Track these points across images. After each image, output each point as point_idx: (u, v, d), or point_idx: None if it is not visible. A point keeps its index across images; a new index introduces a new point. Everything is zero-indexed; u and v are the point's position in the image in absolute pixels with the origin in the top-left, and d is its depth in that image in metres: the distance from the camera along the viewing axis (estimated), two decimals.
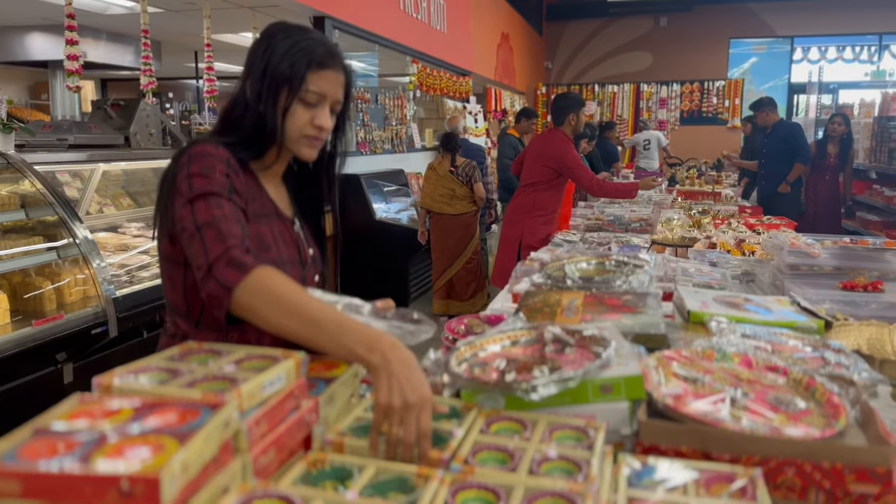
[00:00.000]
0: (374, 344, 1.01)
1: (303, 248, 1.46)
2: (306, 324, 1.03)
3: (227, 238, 1.17)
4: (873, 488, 0.92)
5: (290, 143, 1.37)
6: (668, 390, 1.10)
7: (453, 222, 5.52)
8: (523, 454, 0.91)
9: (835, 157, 7.13)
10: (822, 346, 1.42)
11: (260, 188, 1.39)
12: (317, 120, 1.35)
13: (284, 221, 1.43)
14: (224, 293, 1.11)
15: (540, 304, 1.55)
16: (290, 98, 1.33)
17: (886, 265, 2.23)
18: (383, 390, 0.95)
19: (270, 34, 1.35)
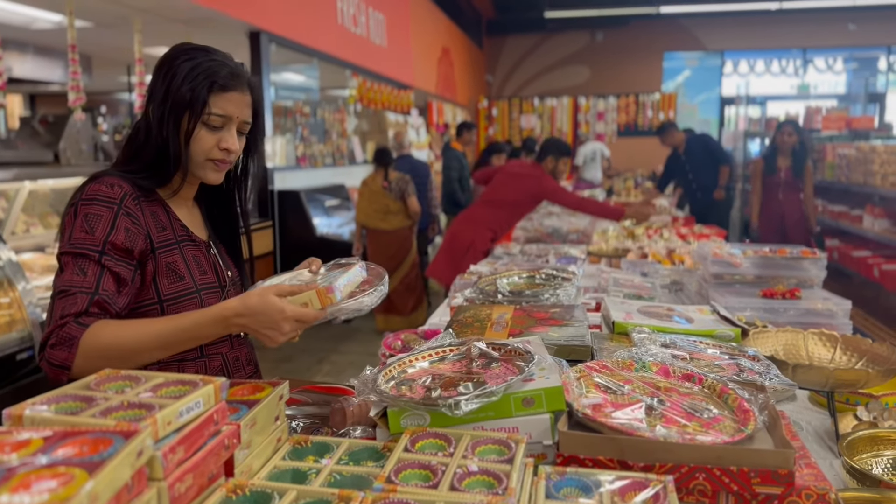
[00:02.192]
0: (223, 322, 1.19)
1: (220, 271, 1.45)
2: (157, 349, 1.16)
3: (62, 316, 1.19)
4: (777, 489, 0.97)
5: (194, 168, 1.35)
6: (588, 401, 1.14)
7: (389, 237, 5.55)
8: (446, 470, 0.93)
9: (787, 171, 5.81)
10: (739, 354, 1.48)
11: (169, 216, 1.38)
12: (223, 143, 1.33)
13: (199, 246, 1.41)
14: (61, 372, 1.17)
15: (471, 318, 1.58)
16: (193, 122, 1.31)
17: (804, 273, 2.35)
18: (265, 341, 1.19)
19: (172, 57, 1.33)
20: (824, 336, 1.79)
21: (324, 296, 1.19)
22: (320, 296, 1.19)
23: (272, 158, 5.49)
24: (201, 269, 1.40)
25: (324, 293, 1.19)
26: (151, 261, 1.31)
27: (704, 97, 13.91)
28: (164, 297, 1.32)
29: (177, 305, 1.33)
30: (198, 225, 1.47)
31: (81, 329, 1.17)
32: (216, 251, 1.48)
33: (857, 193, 5.80)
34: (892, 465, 1.44)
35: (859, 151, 5.72)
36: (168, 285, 1.33)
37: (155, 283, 1.32)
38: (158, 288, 1.32)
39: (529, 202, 4.49)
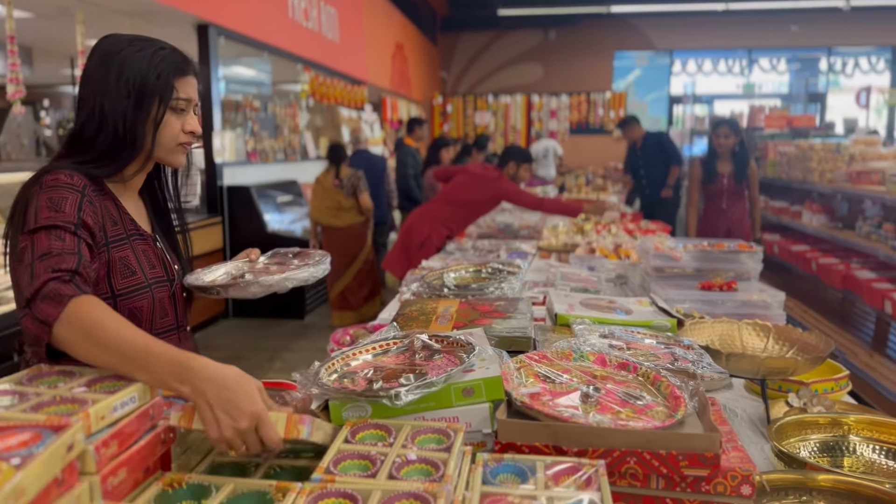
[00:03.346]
0: (184, 373, 0.97)
1: (168, 264, 1.45)
2: (116, 356, 0.99)
3: (55, 270, 1.13)
4: (704, 471, 1.02)
5: (165, 154, 1.37)
6: (527, 390, 1.17)
7: (342, 234, 5.57)
8: (385, 459, 0.94)
9: (729, 178, 4.97)
10: (674, 343, 1.54)
11: (119, 209, 1.37)
12: (187, 126, 1.36)
13: (147, 239, 1.41)
14: (42, 329, 1.07)
15: (417, 312, 1.60)
16: (163, 109, 1.33)
17: (741, 266, 2.43)
18: (210, 424, 0.94)
19: (114, 49, 1.33)
20: (758, 326, 1.86)
21: (292, 426, 0.98)
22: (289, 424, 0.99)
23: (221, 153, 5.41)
24: (150, 263, 1.40)
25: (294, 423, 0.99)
26: (105, 254, 1.31)
27: (654, 96, 14.20)
28: (117, 293, 1.32)
29: (129, 300, 1.33)
30: (143, 218, 1.46)
31: (74, 290, 1.11)
32: (162, 244, 1.47)
33: (797, 190, 6.00)
34: (819, 448, 1.52)
35: (799, 149, 5.92)
36: (121, 280, 1.33)
37: (109, 279, 1.31)
38: (112, 283, 1.32)
39: (489, 203, 4.56)
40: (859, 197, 4.98)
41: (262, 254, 1.55)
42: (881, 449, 1.50)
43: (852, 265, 4.83)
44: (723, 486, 1.03)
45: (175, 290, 1.44)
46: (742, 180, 4.99)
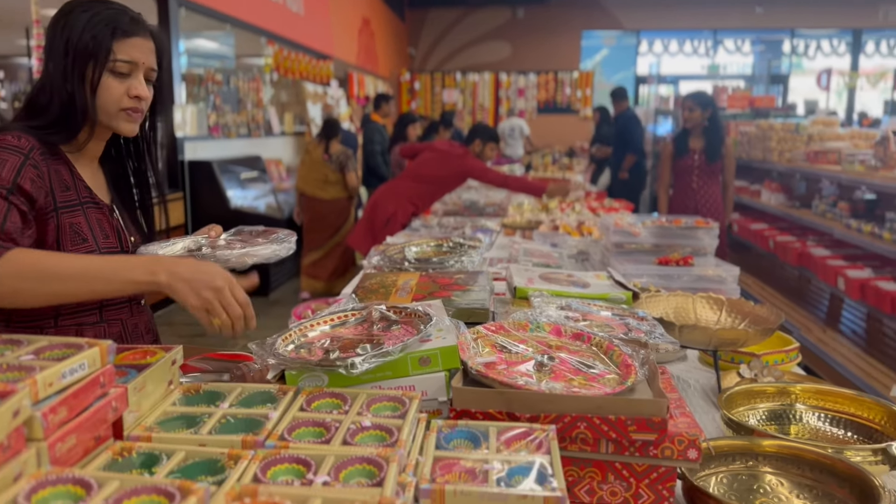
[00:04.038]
0: (153, 265, 1.11)
1: (123, 236, 1.42)
2: (77, 280, 1.07)
3: None
4: (652, 436, 1.05)
5: (107, 120, 1.33)
6: (482, 359, 1.19)
7: (326, 207, 5.67)
8: (339, 426, 0.95)
9: (700, 155, 4.73)
10: (629, 315, 1.57)
11: (74, 176, 1.34)
12: (132, 90, 1.32)
13: (102, 209, 1.39)
14: None
15: (377, 285, 1.60)
16: (98, 71, 1.29)
17: (697, 242, 2.48)
18: (189, 295, 1.10)
19: (67, 11, 1.30)
20: (711, 300, 1.91)
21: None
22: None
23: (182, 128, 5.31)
24: (104, 233, 1.37)
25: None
26: (53, 220, 1.28)
27: (621, 76, 14.27)
28: None
29: None
30: (101, 187, 1.43)
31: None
32: (119, 216, 1.45)
33: (757, 169, 6.12)
34: (767, 416, 1.57)
35: (759, 129, 6.03)
36: (71, 247, 1.31)
37: (59, 245, 1.29)
38: (62, 249, 1.30)
39: (455, 180, 4.56)
40: (816, 176, 5.09)
41: (225, 231, 1.53)
42: (826, 417, 1.55)
43: (808, 243, 4.96)
44: (670, 451, 1.06)
45: None
46: (715, 159, 4.71)
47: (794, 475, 1.28)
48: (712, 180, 4.77)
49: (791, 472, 1.28)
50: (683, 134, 4.84)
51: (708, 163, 4.72)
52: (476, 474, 0.90)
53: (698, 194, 4.76)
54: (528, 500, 0.85)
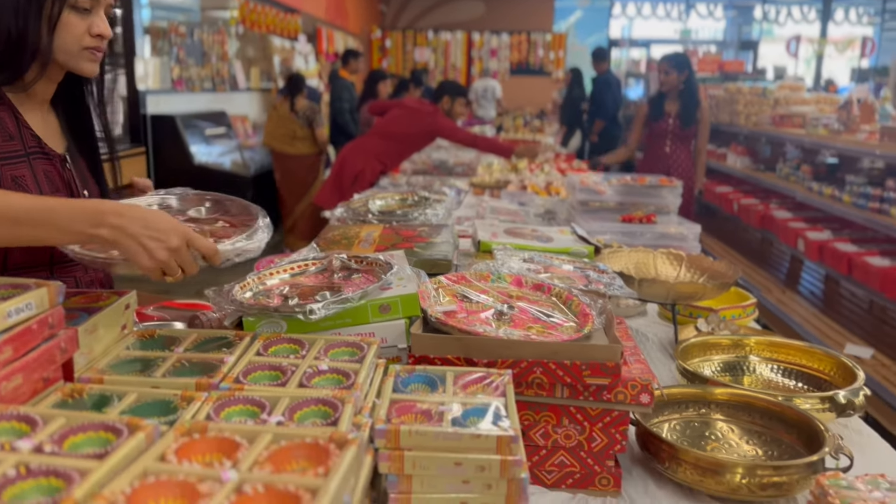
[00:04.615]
0: (97, 217, 0.98)
1: (76, 189, 1.33)
2: (9, 223, 0.98)
3: None
4: (605, 380, 1.07)
5: (67, 59, 1.25)
6: (442, 308, 1.19)
7: (295, 163, 5.69)
8: (296, 370, 0.95)
9: (675, 119, 4.57)
10: (590, 268, 1.58)
11: (19, 124, 1.26)
12: (95, 28, 1.24)
13: (52, 160, 1.30)
14: None
15: (339, 236, 1.59)
16: (59, 6, 1.21)
17: (661, 200, 2.51)
18: (139, 255, 0.97)
19: None
20: (672, 255, 1.93)
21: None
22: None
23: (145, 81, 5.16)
24: (53, 187, 1.29)
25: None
26: None
27: (594, 38, 14.19)
28: None
29: None
30: (53, 135, 1.34)
31: None
32: (72, 166, 1.36)
33: (725, 133, 6.18)
34: (721, 367, 1.61)
35: (727, 92, 6.07)
36: None
37: None
38: None
39: (423, 138, 4.52)
40: (781, 140, 5.16)
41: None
42: (778, 368, 1.60)
43: (771, 206, 5.05)
44: (623, 395, 1.08)
45: None
46: (689, 124, 4.57)
47: (744, 422, 1.32)
48: (685, 145, 4.66)
49: (742, 420, 1.32)
50: (659, 97, 4.71)
51: (682, 127, 4.61)
52: (432, 416, 0.91)
53: (670, 159, 4.64)
54: (482, 439, 0.87)
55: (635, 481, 1.16)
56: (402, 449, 0.87)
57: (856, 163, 4.41)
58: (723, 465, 1.07)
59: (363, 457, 0.81)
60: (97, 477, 0.57)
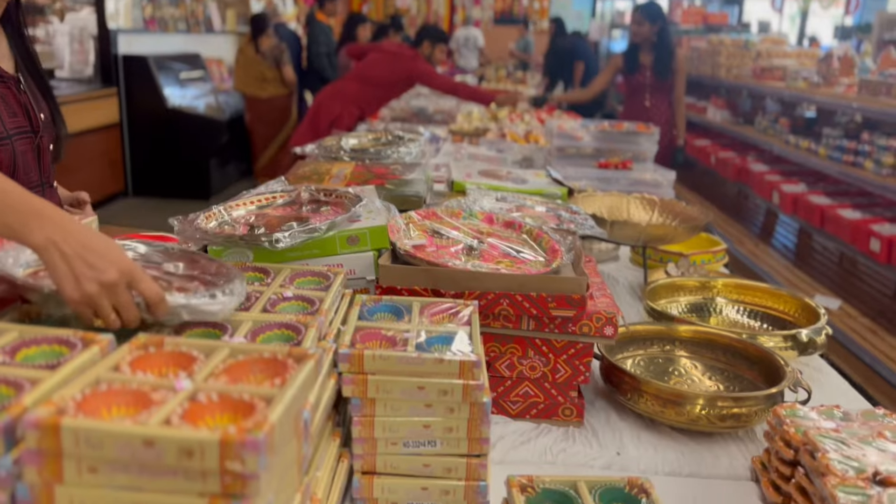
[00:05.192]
0: (33, 218, 0.81)
1: (32, 112, 1.27)
2: None
3: None
4: (570, 312, 1.08)
5: None
6: (412, 241, 1.19)
7: (266, 105, 5.62)
8: (260, 296, 0.95)
9: (651, 71, 4.42)
10: (562, 209, 1.58)
11: None
12: None
13: (7, 82, 1.23)
14: None
15: (309, 172, 1.57)
16: None
17: (637, 147, 2.50)
18: (65, 280, 0.77)
19: None
20: (645, 200, 1.94)
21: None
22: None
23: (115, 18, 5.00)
24: (10, 111, 1.23)
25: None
26: None
27: None
28: None
29: None
30: (4, 55, 1.28)
31: None
32: (27, 88, 1.29)
33: (706, 85, 6.15)
34: (688, 308, 1.63)
35: (710, 45, 6.02)
36: None
37: None
38: None
39: (402, 83, 4.44)
40: (761, 93, 5.15)
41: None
42: (744, 310, 1.63)
43: (748, 159, 5.07)
44: (588, 327, 1.10)
45: (40, 144, 1.28)
46: (665, 76, 4.42)
47: (707, 359, 1.34)
48: (664, 99, 4.52)
49: (705, 356, 1.35)
50: (633, 49, 4.54)
51: (658, 80, 4.47)
52: (396, 342, 0.91)
53: (650, 112, 4.49)
54: (445, 364, 0.87)
55: (598, 413, 1.19)
56: (365, 373, 0.88)
57: (833, 116, 4.43)
58: (684, 397, 1.09)
59: (321, 372, 0.81)
60: (48, 386, 0.57)
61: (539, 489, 0.81)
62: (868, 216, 3.62)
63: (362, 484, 0.92)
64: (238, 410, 0.55)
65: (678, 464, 1.06)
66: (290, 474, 0.63)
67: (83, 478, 0.51)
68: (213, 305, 0.82)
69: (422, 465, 0.92)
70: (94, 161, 5.04)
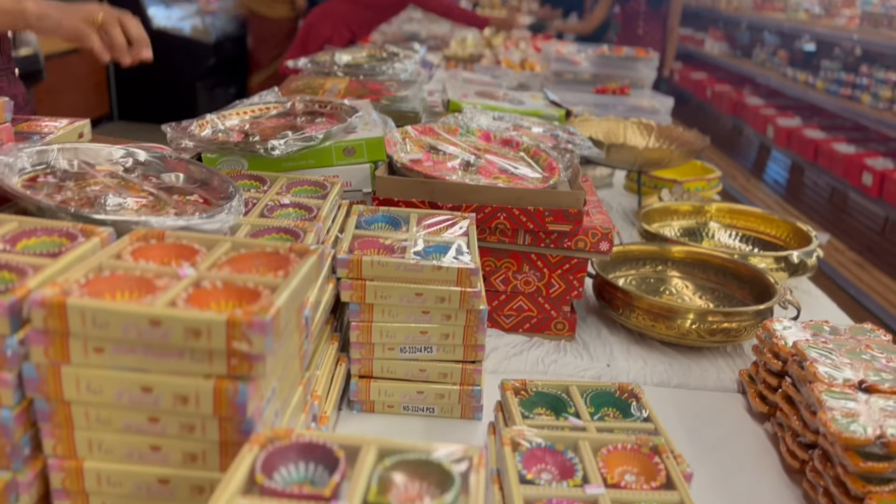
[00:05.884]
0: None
1: None
2: None
3: None
4: (567, 227, 1.08)
5: None
6: (409, 156, 1.17)
7: (272, 26, 5.48)
8: (257, 203, 0.94)
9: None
10: (559, 129, 1.57)
11: None
12: None
13: None
14: None
15: (302, 87, 1.54)
16: None
17: (636, 73, 2.47)
18: (60, 23, 1.06)
19: None
20: (642, 125, 1.92)
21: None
22: None
23: None
24: None
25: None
26: None
27: None
28: None
29: None
30: None
31: None
32: None
33: (704, 17, 6.03)
34: (681, 232, 1.64)
35: None
36: None
37: None
38: None
39: (395, 4, 4.29)
40: (760, 24, 5.06)
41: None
42: (737, 234, 1.64)
43: (744, 92, 5.01)
44: (583, 243, 1.10)
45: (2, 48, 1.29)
46: (658, 4, 4.34)
47: (699, 279, 1.36)
48: (658, 27, 4.44)
49: (697, 276, 1.36)
50: None
51: (651, 8, 4.37)
52: (394, 250, 0.92)
53: (643, 41, 4.38)
54: (443, 271, 0.88)
55: (589, 329, 1.20)
56: (363, 279, 0.88)
57: (832, 49, 4.37)
58: (674, 311, 1.11)
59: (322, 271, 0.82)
60: (52, 271, 0.56)
61: (532, 392, 0.83)
62: (862, 150, 3.62)
63: (360, 387, 0.94)
64: (243, 297, 0.55)
65: (666, 376, 1.09)
66: (293, 367, 0.64)
67: (89, 358, 0.52)
68: (212, 224, 0.81)
69: (418, 370, 0.93)
70: (77, 83, 4.91)
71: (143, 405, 0.53)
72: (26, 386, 0.53)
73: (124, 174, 0.90)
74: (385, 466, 0.48)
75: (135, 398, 0.52)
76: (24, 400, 0.54)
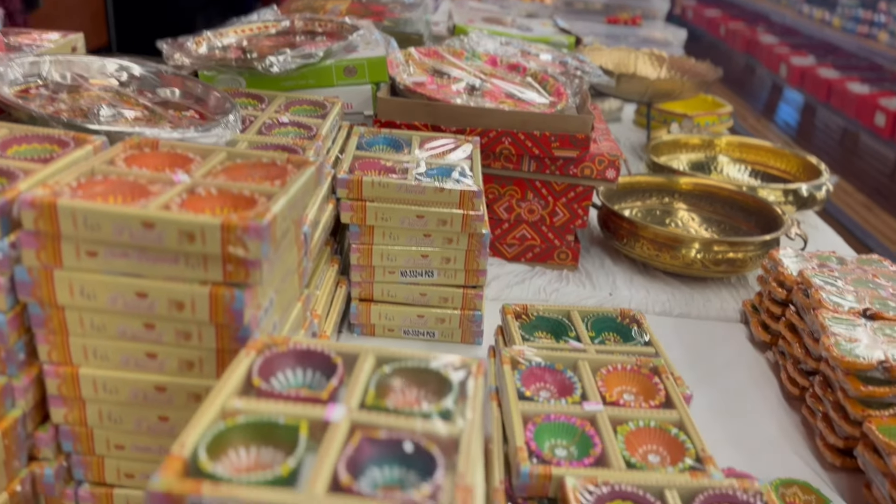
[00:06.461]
0: None
1: None
2: None
3: None
4: (573, 153, 1.05)
5: None
6: (412, 78, 1.14)
7: None
8: (254, 121, 0.92)
9: None
10: (569, 56, 1.52)
11: None
12: None
13: None
14: None
15: (302, 7, 1.49)
16: None
17: (648, 4, 2.39)
18: None
19: None
20: (654, 56, 1.87)
21: None
22: None
23: None
24: None
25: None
26: None
27: None
28: None
29: None
30: None
31: None
32: None
33: None
34: (690, 166, 1.61)
35: None
36: None
37: None
38: None
39: None
40: None
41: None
42: (746, 168, 1.61)
43: (758, 30, 4.87)
44: (590, 170, 1.08)
45: None
46: None
47: (706, 211, 1.34)
48: None
49: (703, 209, 1.34)
50: None
51: None
52: (396, 171, 0.90)
53: None
54: (445, 193, 0.86)
55: (592, 259, 1.19)
56: (364, 200, 0.87)
57: None
58: (679, 241, 1.10)
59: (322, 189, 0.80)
60: (43, 174, 0.55)
61: (533, 317, 0.82)
62: (876, 90, 3.53)
63: (360, 310, 0.93)
64: (238, 204, 0.54)
65: (669, 305, 1.08)
66: (292, 281, 0.63)
67: (82, 262, 0.51)
68: (208, 138, 0.79)
69: (419, 294, 0.93)
70: (73, 12, 4.79)
71: (138, 311, 0.52)
72: (19, 290, 0.52)
73: (119, 88, 0.87)
74: (383, 373, 0.48)
75: (129, 304, 0.52)
76: (18, 304, 0.53)
